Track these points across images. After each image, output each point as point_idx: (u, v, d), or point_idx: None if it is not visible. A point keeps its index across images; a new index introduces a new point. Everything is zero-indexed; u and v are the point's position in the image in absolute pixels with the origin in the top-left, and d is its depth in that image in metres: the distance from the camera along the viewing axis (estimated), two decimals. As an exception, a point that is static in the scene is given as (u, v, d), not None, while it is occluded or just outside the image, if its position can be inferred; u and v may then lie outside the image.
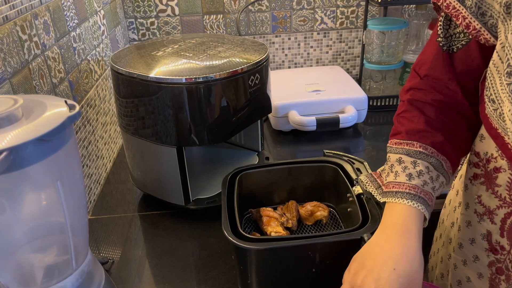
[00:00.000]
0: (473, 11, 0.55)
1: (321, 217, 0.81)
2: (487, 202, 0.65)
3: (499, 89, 0.54)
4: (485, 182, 0.65)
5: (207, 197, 0.94)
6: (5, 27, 0.70)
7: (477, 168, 0.66)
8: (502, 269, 0.64)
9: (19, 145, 0.47)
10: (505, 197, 0.61)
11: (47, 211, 0.60)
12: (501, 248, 0.64)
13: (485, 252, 0.66)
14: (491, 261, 0.65)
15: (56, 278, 0.60)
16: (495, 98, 0.56)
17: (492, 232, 0.64)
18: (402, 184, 0.60)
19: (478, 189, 0.66)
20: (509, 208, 0.61)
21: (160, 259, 0.83)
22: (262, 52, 0.91)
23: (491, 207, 0.64)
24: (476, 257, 0.68)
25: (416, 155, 0.61)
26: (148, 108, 0.84)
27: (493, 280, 0.66)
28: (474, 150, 0.67)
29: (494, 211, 0.64)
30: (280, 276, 0.67)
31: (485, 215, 0.65)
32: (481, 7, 0.55)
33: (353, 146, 1.23)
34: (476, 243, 0.67)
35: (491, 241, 0.65)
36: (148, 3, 1.47)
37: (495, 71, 0.55)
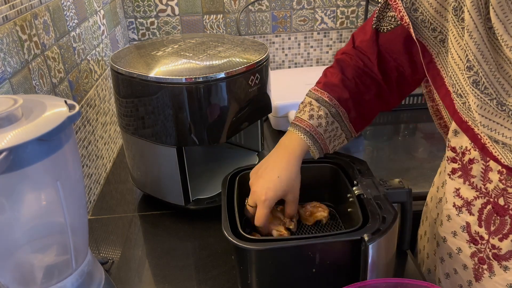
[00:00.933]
0: (407, 7, 0.66)
1: (321, 217, 0.81)
2: (465, 194, 0.69)
3: (463, 83, 0.59)
4: (462, 175, 0.69)
5: (207, 197, 0.94)
6: (5, 27, 0.70)
7: (454, 163, 0.71)
8: (484, 258, 0.67)
9: (19, 145, 0.47)
10: (481, 187, 0.66)
11: (47, 211, 0.60)
12: (480, 238, 0.67)
13: (467, 243, 0.70)
14: (472, 251, 0.69)
15: (56, 278, 0.60)
16: (461, 92, 0.60)
17: (470, 223, 0.68)
18: (303, 121, 0.75)
19: (457, 183, 0.70)
20: (485, 198, 0.65)
21: (160, 259, 0.83)
22: (262, 52, 0.91)
23: (469, 198, 0.68)
24: (459, 249, 0.72)
25: (322, 102, 0.76)
26: (148, 108, 0.84)
27: (477, 270, 0.69)
28: (450, 145, 0.71)
29: (471, 202, 0.68)
30: (280, 276, 0.67)
31: (464, 207, 0.69)
32: (414, 3, 0.65)
33: (353, 146, 1.23)
34: (458, 235, 0.71)
35: (470, 232, 0.69)
36: (148, 3, 1.47)
37: (457, 68, 0.60)
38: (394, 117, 1.40)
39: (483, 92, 0.55)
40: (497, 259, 0.65)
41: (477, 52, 0.54)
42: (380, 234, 0.62)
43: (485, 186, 0.65)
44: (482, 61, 0.54)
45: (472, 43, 0.54)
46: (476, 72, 0.55)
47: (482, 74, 0.55)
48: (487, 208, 0.65)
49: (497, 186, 0.63)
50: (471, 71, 0.55)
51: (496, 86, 0.54)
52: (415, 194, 0.75)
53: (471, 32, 0.54)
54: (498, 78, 0.54)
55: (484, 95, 0.55)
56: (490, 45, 0.54)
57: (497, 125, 0.56)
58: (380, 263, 0.64)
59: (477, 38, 0.54)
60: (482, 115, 0.56)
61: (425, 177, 1.07)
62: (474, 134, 0.62)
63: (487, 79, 0.54)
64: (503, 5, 0.51)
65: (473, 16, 0.53)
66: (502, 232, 0.63)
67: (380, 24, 0.75)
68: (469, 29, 0.54)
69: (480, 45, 0.54)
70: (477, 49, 0.54)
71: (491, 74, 0.54)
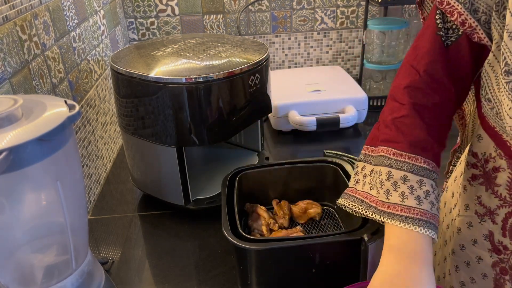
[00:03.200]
0: (467, 7, 0.55)
1: (314, 214, 0.81)
2: (487, 203, 0.65)
3: (495, 88, 0.54)
4: (484, 183, 0.65)
5: (207, 197, 0.94)
6: (5, 27, 0.70)
7: (475, 169, 0.66)
8: (506, 269, 0.64)
9: (19, 145, 0.47)
10: (506, 197, 0.61)
11: (47, 211, 0.60)
12: (504, 248, 0.63)
13: (488, 252, 0.66)
14: (494, 261, 0.65)
15: (56, 278, 0.60)
16: (491, 97, 0.55)
17: (494, 232, 0.64)
18: (413, 208, 0.56)
19: (478, 190, 0.66)
20: (510, 207, 0.61)
21: (160, 259, 0.83)
22: (262, 52, 0.91)
23: (492, 207, 0.64)
24: (479, 258, 0.68)
25: (421, 171, 0.57)
26: (148, 108, 0.84)
27: (498, 280, 0.65)
28: (472, 150, 0.66)
29: (495, 211, 0.63)
30: (280, 276, 0.67)
31: (486, 215, 0.65)
32: (473, 3, 0.55)
33: (353, 146, 1.23)
34: (479, 244, 0.67)
35: (493, 241, 0.65)
36: (148, 3, 1.47)
37: (491, 71, 0.55)
38: (394, 117, 1.39)
39: None
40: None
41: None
42: (380, 234, 0.62)
43: (510, 196, 0.60)
44: None
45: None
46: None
47: None
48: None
49: None
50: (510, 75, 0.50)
51: None
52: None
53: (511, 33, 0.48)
54: None
55: None
56: None
57: None
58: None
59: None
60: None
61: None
62: (503, 141, 0.58)
63: None
64: None
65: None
66: None
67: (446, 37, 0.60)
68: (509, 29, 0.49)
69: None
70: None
71: None
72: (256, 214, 0.80)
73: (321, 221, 0.83)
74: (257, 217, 0.80)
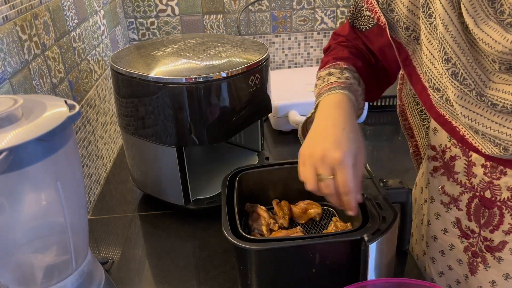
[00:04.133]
0: (384, 8, 0.66)
1: (314, 214, 0.81)
2: (451, 191, 0.70)
3: (438, 77, 0.60)
4: (445, 173, 0.70)
5: (207, 197, 0.94)
6: (5, 27, 0.70)
7: (435, 161, 0.72)
8: (477, 251, 0.68)
9: (19, 145, 0.47)
10: (465, 183, 0.67)
11: (47, 211, 0.60)
12: (471, 232, 0.68)
13: (459, 238, 0.71)
14: (465, 246, 0.70)
15: (56, 278, 0.60)
16: (438, 86, 0.61)
17: (460, 218, 0.69)
18: (334, 82, 0.68)
19: (440, 181, 0.71)
20: (471, 192, 0.66)
21: (160, 259, 0.83)
22: (262, 52, 0.91)
23: (455, 194, 0.69)
24: (451, 245, 0.72)
25: (343, 69, 0.70)
26: (148, 108, 0.84)
27: (472, 263, 0.69)
28: (430, 144, 0.72)
29: (458, 198, 0.69)
30: (280, 276, 0.67)
31: (451, 203, 0.70)
32: (390, 4, 0.65)
33: (353, 146, 1.23)
34: (449, 232, 0.72)
35: (461, 227, 0.70)
36: (148, 3, 1.47)
37: (430, 64, 0.61)
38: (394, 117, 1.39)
39: (462, 83, 0.56)
40: (490, 251, 0.66)
41: (454, 44, 0.55)
42: (380, 234, 0.62)
43: (470, 181, 0.66)
44: (460, 53, 0.55)
45: (449, 36, 0.55)
46: (454, 64, 0.56)
47: (460, 65, 0.55)
48: (474, 202, 0.66)
49: (483, 179, 0.64)
50: (449, 63, 0.56)
51: (474, 77, 0.55)
52: (415, 194, 0.75)
53: (447, 25, 0.55)
54: (475, 69, 0.55)
55: (463, 86, 0.56)
56: (465, 37, 0.55)
57: (477, 116, 0.56)
58: (380, 263, 0.64)
59: (453, 30, 0.55)
60: (462, 106, 0.57)
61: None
62: (452, 127, 0.63)
63: (465, 70, 0.55)
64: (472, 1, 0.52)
65: (447, 10, 0.54)
66: (492, 224, 0.65)
67: (358, 23, 0.75)
68: (445, 22, 0.55)
69: (457, 37, 0.55)
70: (454, 41, 0.55)
71: (469, 65, 0.55)
72: (256, 214, 0.80)
73: (321, 221, 0.83)
74: (257, 217, 0.80)
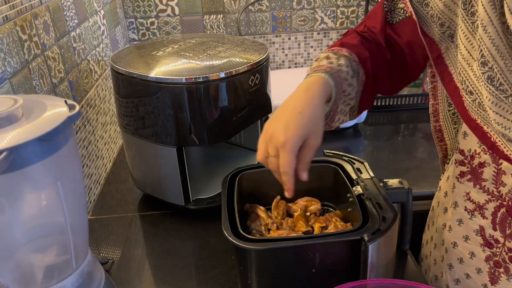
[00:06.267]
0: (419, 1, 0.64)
1: (314, 210, 0.81)
2: (476, 198, 0.67)
3: (474, 80, 0.57)
4: (472, 179, 0.67)
5: (207, 197, 0.94)
6: (5, 27, 0.70)
7: (463, 166, 0.68)
8: (500, 262, 0.65)
9: (19, 145, 0.47)
10: (493, 191, 0.64)
11: (47, 211, 0.60)
12: (495, 242, 0.65)
13: (481, 247, 0.67)
14: (487, 255, 0.67)
15: (56, 278, 0.60)
16: (472, 89, 0.58)
17: (484, 226, 0.66)
18: (323, 65, 0.68)
19: (466, 186, 0.68)
20: (498, 201, 0.63)
21: (160, 259, 0.83)
22: (262, 52, 0.91)
23: (481, 202, 0.66)
24: (472, 254, 0.69)
25: (341, 56, 0.69)
26: (148, 108, 0.84)
27: (493, 273, 0.67)
28: (459, 148, 0.69)
29: (484, 206, 0.66)
30: (280, 276, 0.67)
31: (476, 210, 0.67)
32: None
33: (354, 146, 1.23)
34: (471, 240, 0.69)
35: (484, 236, 0.66)
36: (148, 3, 1.47)
37: (465, 64, 0.58)
38: (394, 117, 1.40)
39: (498, 89, 0.53)
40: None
41: (492, 47, 0.52)
42: (380, 234, 0.62)
43: (498, 190, 0.63)
44: (498, 57, 0.52)
45: (487, 38, 0.52)
46: (491, 67, 0.53)
47: (497, 69, 0.53)
48: (501, 211, 0.63)
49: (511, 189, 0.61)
50: (486, 66, 0.53)
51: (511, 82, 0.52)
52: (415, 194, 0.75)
53: (486, 26, 0.52)
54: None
55: (499, 92, 0.53)
56: (505, 40, 0.52)
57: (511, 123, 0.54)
58: (380, 263, 0.64)
59: (492, 32, 0.52)
60: (496, 113, 0.55)
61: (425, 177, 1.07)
62: (483, 133, 0.60)
63: (503, 75, 0.53)
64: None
65: (487, 10, 0.51)
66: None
67: (390, 15, 0.73)
68: (484, 23, 0.52)
69: (496, 40, 0.52)
70: (492, 44, 0.52)
71: (507, 69, 0.52)
72: (254, 215, 0.80)
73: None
74: (255, 217, 0.80)
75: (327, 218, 0.79)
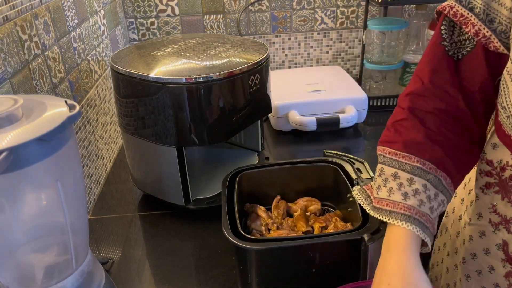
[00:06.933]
0: (482, 18, 0.55)
1: (314, 210, 0.82)
2: (503, 211, 0.63)
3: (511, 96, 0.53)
4: (500, 191, 0.63)
5: (207, 197, 0.94)
6: (5, 27, 0.70)
7: (489, 177, 0.64)
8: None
9: (19, 145, 0.47)
10: None
11: (47, 211, 0.60)
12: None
13: (501, 262, 0.64)
14: (508, 271, 0.64)
15: (56, 278, 0.60)
16: (506, 105, 0.55)
17: (508, 242, 0.63)
18: (397, 203, 0.57)
19: (493, 199, 0.64)
20: None
21: (160, 259, 0.83)
22: (262, 52, 0.91)
23: (508, 216, 0.62)
24: (491, 268, 0.66)
25: (413, 170, 0.58)
26: (148, 108, 0.84)
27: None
28: (486, 158, 0.64)
29: (510, 220, 0.62)
30: (280, 276, 0.67)
31: (501, 224, 0.64)
32: (489, 14, 0.55)
33: (354, 146, 1.23)
34: (491, 253, 0.66)
35: (507, 251, 0.63)
36: (148, 3, 1.47)
37: (509, 79, 0.53)
38: (394, 117, 1.39)
39: None
40: None
41: None
42: (380, 234, 0.62)
43: None
44: None
45: None
46: None
47: None
48: None
49: None
50: None
51: None
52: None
53: None
54: None
55: None
56: None
57: None
58: (380, 263, 0.64)
59: None
60: None
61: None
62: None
63: None
64: None
65: None
66: None
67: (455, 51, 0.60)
68: None
69: None
70: None
71: None
72: (255, 215, 0.81)
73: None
74: (255, 217, 0.80)
75: (327, 218, 0.79)
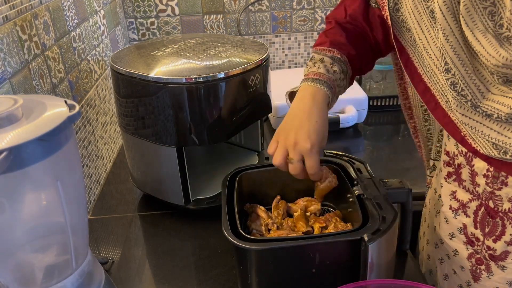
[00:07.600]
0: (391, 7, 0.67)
1: (315, 210, 0.81)
2: (461, 197, 0.70)
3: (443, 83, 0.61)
4: (456, 179, 0.70)
5: (207, 197, 0.94)
6: (5, 27, 0.70)
7: (449, 167, 0.72)
8: (481, 259, 0.68)
9: (19, 145, 0.47)
10: (473, 190, 0.67)
11: (47, 211, 0.60)
12: (476, 240, 0.68)
13: (464, 245, 0.71)
14: (470, 253, 0.70)
15: (56, 278, 0.60)
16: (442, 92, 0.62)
17: (467, 225, 0.69)
18: (323, 74, 0.73)
19: (453, 186, 0.71)
20: (479, 200, 0.66)
21: (160, 259, 0.83)
22: (262, 52, 0.91)
23: (464, 201, 0.69)
24: (456, 251, 0.72)
25: (334, 59, 0.75)
26: (148, 108, 0.84)
27: (474, 271, 0.69)
28: (445, 149, 0.72)
29: (467, 205, 0.69)
30: (280, 276, 0.67)
31: (460, 209, 0.70)
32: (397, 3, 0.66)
33: (354, 146, 1.23)
34: (455, 237, 0.72)
35: (467, 234, 0.70)
36: (148, 3, 1.47)
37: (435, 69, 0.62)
38: (394, 117, 1.40)
39: (460, 94, 0.57)
40: (494, 260, 0.66)
41: (453, 56, 0.56)
42: (380, 234, 0.62)
43: (475, 190, 0.66)
44: (459, 64, 0.56)
45: (449, 47, 0.56)
46: (454, 74, 0.57)
47: (459, 76, 0.56)
48: (481, 210, 0.66)
49: (485, 189, 0.64)
50: (449, 73, 0.57)
51: (472, 88, 0.56)
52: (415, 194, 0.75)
53: (447, 36, 0.55)
54: (474, 80, 0.56)
55: (460, 97, 0.57)
56: (466, 48, 0.55)
57: (476, 123, 0.58)
58: (380, 263, 0.64)
59: (454, 42, 0.55)
60: (462, 114, 0.59)
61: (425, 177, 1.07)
62: (455, 128, 0.63)
63: (464, 82, 0.56)
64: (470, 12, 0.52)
65: (448, 21, 0.55)
66: (495, 233, 0.65)
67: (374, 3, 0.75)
68: (445, 33, 0.55)
69: (457, 49, 0.55)
70: (454, 53, 0.56)
71: (468, 76, 0.56)
72: (255, 215, 0.80)
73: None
74: (256, 217, 0.80)
75: (327, 218, 0.79)
